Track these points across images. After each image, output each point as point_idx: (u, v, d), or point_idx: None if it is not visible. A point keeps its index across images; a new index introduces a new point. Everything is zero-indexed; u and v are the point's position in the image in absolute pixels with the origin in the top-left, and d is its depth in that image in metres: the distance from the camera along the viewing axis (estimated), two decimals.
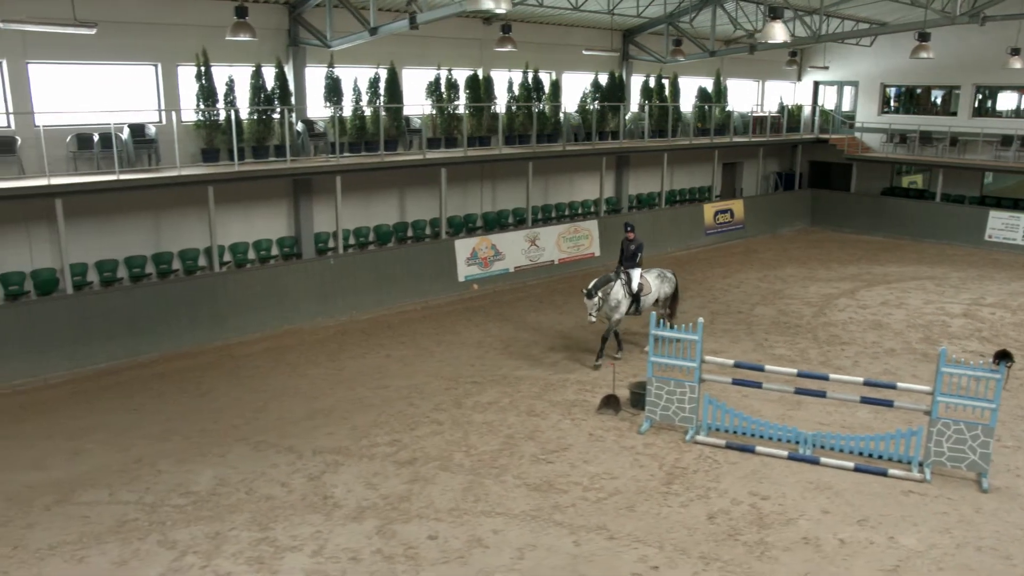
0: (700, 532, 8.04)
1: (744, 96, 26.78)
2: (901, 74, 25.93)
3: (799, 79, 28.44)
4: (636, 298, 12.71)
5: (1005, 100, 24.69)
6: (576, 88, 21.69)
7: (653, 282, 13.12)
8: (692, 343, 9.97)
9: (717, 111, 24.14)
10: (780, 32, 11.83)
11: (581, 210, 21.80)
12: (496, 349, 13.74)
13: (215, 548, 7.72)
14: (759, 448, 9.74)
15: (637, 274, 12.76)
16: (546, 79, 20.45)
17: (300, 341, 14.08)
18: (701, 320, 10.08)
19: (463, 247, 17.33)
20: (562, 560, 7.53)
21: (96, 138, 13.64)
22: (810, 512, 8.45)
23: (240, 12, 13.42)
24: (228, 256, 15.52)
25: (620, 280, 12.54)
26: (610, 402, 11.01)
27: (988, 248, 22.72)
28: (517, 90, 19.76)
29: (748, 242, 23.76)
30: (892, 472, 9.20)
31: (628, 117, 22.09)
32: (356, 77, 16.81)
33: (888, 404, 9.60)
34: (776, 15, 11.98)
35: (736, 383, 10.10)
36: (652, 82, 23.06)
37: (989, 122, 24.16)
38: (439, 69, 18.13)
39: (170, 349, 13.31)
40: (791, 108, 26.76)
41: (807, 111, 27.52)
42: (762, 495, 8.78)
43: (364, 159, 16.21)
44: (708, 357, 10.20)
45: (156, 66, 14.40)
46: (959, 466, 9.11)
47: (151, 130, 14.22)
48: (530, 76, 19.95)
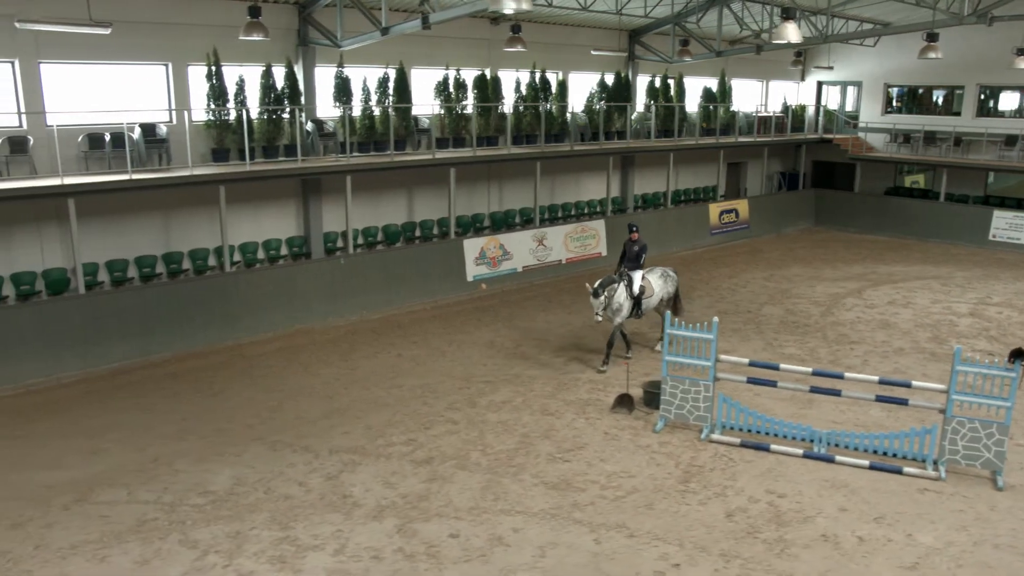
0: (719, 530, 8.07)
1: (748, 96, 26.83)
2: (905, 74, 25.99)
3: (802, 79, 28.50)
4: (637, 301, 12.61)
5: (1009, 100, 24.73)
6: (582, 88, 21.72)
7: (656, 282, 13.03)
8: (707, 342, 10.02)
9: (722, 111, 24.19)
10: (793, 32, 11.87)
11: (587, 210, 21.84)
12: (507, 348, 13.77)
13: (236, 547, 7.74)
14: (774, 446, 9.78)
15: (639, 276, 12.66)
16: (553, 79, 20.48)
17: (311, 341, 14.10)
18: (716, 319, 10.11)
19: (472, 247, 17.37)
20: (584, 558, 7.56)
21: (107, 138, 13.64)
22: (827, 510, 8.49)
23: (253, 12, 13.44)
24: (238, 256, 15.54)
25: (623, 282, 12.42)
26: (624, 401, 11.04)
27: (992, 248, 22.79)
28: (524, 90, 19.79)
29: (753, 242, 23.82)
30: (907, 470, 9.25)
31: (634, 117, 22.12)
32: (365, 77, 16.84)
33: (903, 402, 9.66)
34: (789, 15, 12.02)
35: (751, 381, 10.14)
36: (658, 82, 23.11)
37: (993, 122, 24.23)
38: (447, 69, 18.16)
39: (182, 349, 13.33)
40: (795, 108, 26.81)
41: (811, 111, 27.57)
42: (779, 493, 8.82)
43: (374, 159, 16.24)
44: (723, 356, 10.24)
45: (167, 66, 14.42)
46: (974, 464, 9.16)
47: (162, 130, 14.24)
48: (537, 76, 19.98)
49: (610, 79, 21.78)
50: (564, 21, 19.99)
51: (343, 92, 16.39)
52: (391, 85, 17.06)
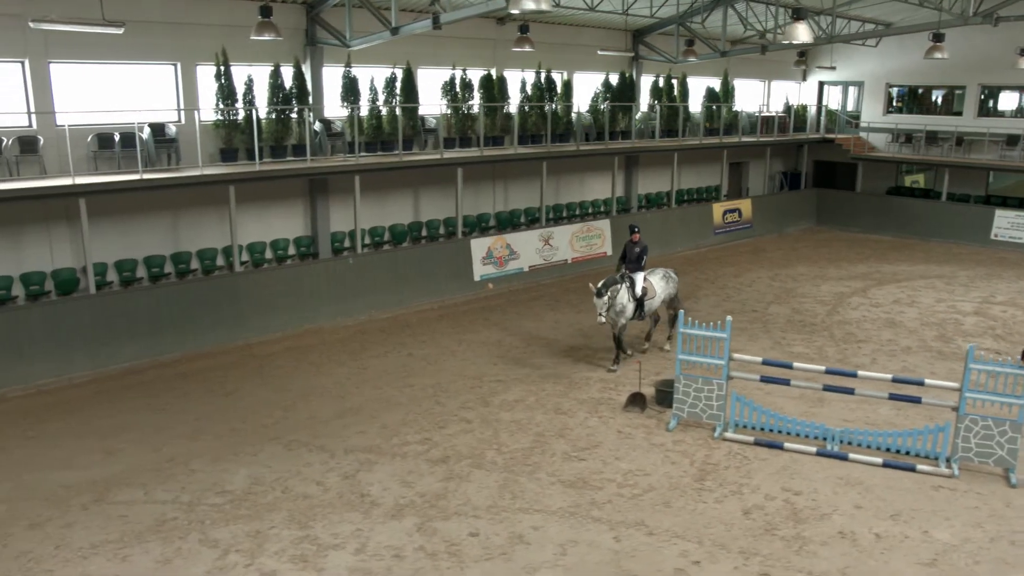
0: (737, 527, 8.12)
1: (750, 96, 26.91)
2: (906, 74, 26.09)
3: (804, 79, 28.58)
4: (640, 303, 12.60)
5: (1010, 100, 24.83)
6: (587, 88, 21.76)
7: (658, 284, 13.03)
8: (720, 340, 10.06)
9: (725, 111, 24.26)
10: (804, 33, 11.91)
11: (592, 209, 21.88)
12: (517, 348, 13.80)
13: (257, 546, 7.76)
14: (787, 444, 9.83)
15: (640, 277, 12.65)
16: (558, 79, 20.51)
17: (321, 340, 14.11)
18: (730, 318, 10.16)
19: (479, 246, 17.39)
20: (605, 556, 7.60)
21: (117, 137, 13.63)
22: (843, 507, 8.54)
23: (265, 12, 13.44)
24: (245, 256, 15.54)
25: (625, 284, 12.40)
26: (636, 400, 11.08)
27: (995, 247, 22.89)
28: (530, 90, 19.82)
29: (756, 241, 23.89)
30: (920, 467, 9.30)
31: (638, 117, 22.17)
32: (373, 77, 16.85)
33: (916, 400, 9.72)
34: (799, 16, 12.06)
35: (764, 380, 10.19)
36: (661, 82, 23.16)
37: (994, 122, 24.33)
38: (454, 69, 18.18)
39: (192, 349, 13.33)
40: (797, 108, 26.90)
41: (812, 111, 27.65)
42: (794, 490, 8.87)
43: (383, 159, 16.25)
44: (736, 355, 10.29)
45: (175, 65, 14.41)
46: (986, 462, 9.22)
47: (172, 130, 14.24)
48: (543, 76, 20.01)
49: (614, 79, 21.83)
50: (569, 21, 20.03)
51: (351, 92, 16.39)
52: (398, 85, 17.07)
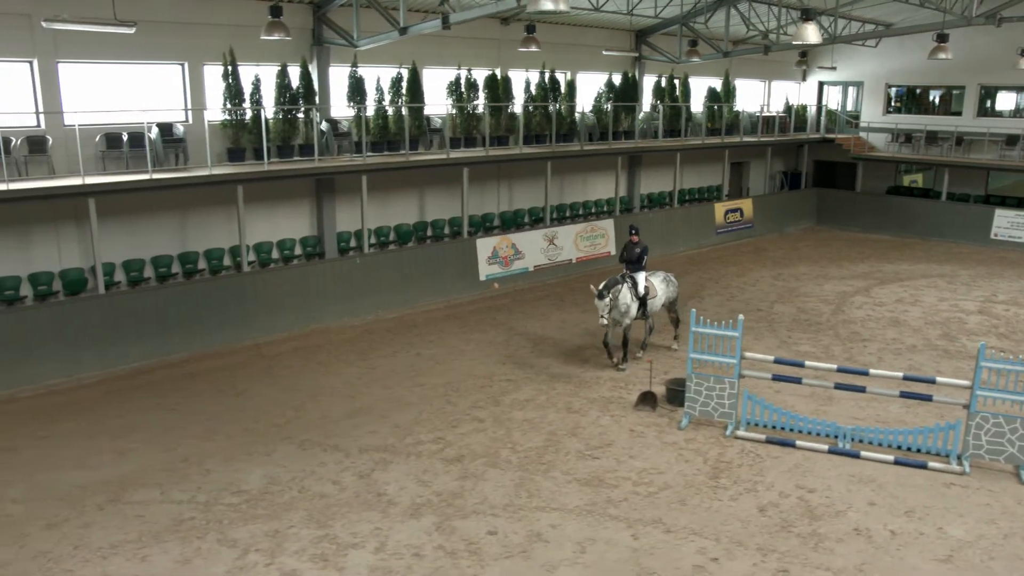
0: (753, 524, 8.17)
1: (750, 96, 27.00)
2: (906, 74, 26.21)
3: (804, 79, 28.69)
4: (643, 302, 12.60)
5: (1008, 100, 24.97)
6: (590, 88, 21.80)
7: (659, 286, 13.03)
8: (732, 339, 10.11)
9: (726, 111, 24.34)
10: (813, 34, 11.97)
11: (595, 209, 21.93)
12: (525, 347, 13.83)
13: (277, 546, 7.77)
14: (799, 442, 9.89)
15: (642, 277, 12.67)
16: (561, 79, 20.54)
17: (328, 340, 14.12)
18: (742, 317, 10.21)
19: (484, 246, 17.42)
20: (623, 553, 7.64)
21: (125, 137, 13.61)
22: (857, 504, 8.60)
23: (274, 12, 13.45)
24: (252, 255, 15.53)
25: (627, 284, 12.37)
26: (647, 399, 11.13)
27: (995, 246, 23.03)
28: (534, 90, 19.85)
29: (757, 241, 23.98)
30: (932, 465, 9.37)
31: (641, 117, 22.24)
32: (379, 76, 16.86)
33: (928, 398, 9.79)
34: (809, 16, 12.12)
35: (776, 379, 10.25)
36: (664, 82, 23.22)
37: (994, 122, 24.47)
38: (459, 69, 18.20)
39: (200, 349, 13.32)
40: (797, 108, 27.01)
41: (812, 111, 27.77)
42: (808, 488, 8.93)
43: (389, 158, 16.27)
44: (748, 353, 10.34)
45: (183, 65, 14.40)
46: (997, 459, 9.29)
47: (179, 129, 14.22)
48: (547, 76, 20.05)
49: (618, 79, 21.88)
50: (574, 21, 20.07)
51: (357, 92, 16.40)
52: (404, 85, 17.08)
